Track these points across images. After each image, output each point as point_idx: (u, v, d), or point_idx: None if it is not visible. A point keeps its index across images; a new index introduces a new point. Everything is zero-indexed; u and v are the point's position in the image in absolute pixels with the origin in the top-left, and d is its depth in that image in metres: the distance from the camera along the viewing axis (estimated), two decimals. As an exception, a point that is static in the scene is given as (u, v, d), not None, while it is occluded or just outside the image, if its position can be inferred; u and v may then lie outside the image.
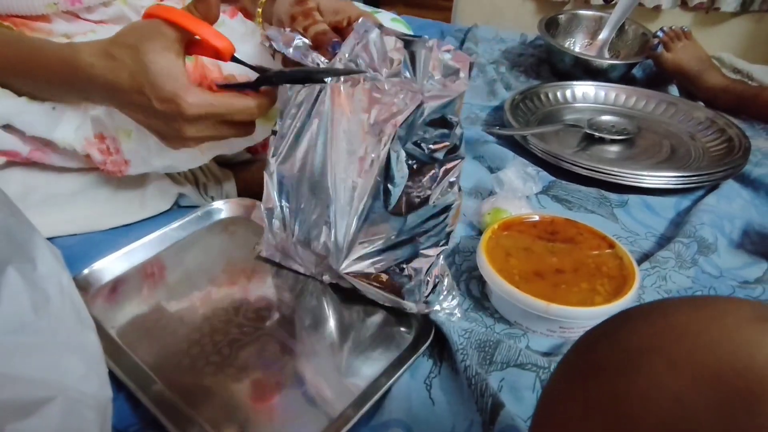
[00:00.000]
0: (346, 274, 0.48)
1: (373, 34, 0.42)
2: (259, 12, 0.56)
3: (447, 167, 0.43)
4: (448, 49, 0.40)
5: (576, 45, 1.12)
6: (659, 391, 0.18)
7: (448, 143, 0.42)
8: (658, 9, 1.88)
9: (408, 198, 0.43)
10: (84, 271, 0.50)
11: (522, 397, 0.42)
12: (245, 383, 0.42)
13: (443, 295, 0.48)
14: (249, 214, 0.60)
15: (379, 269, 0.47)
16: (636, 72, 1.07)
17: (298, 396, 0.41)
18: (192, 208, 0.60)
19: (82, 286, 0.50)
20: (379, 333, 0.47)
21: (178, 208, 0.62)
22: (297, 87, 0.45)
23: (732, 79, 0.92)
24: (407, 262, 0.46)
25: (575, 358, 0.23)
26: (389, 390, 0.42)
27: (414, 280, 0.46)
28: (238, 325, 0.47)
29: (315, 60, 0.44)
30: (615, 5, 1.05)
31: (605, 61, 1.00)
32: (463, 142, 0.42)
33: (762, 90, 0.88)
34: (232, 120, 0.44)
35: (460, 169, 0.43)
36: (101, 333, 0.46)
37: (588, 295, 0.47)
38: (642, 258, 0.58)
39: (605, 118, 0.87)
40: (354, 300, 0.50)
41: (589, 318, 0.46)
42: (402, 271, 0.46)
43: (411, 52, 0.41)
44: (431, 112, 0.40)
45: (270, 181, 0.49)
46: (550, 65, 1.07)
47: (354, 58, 0.43)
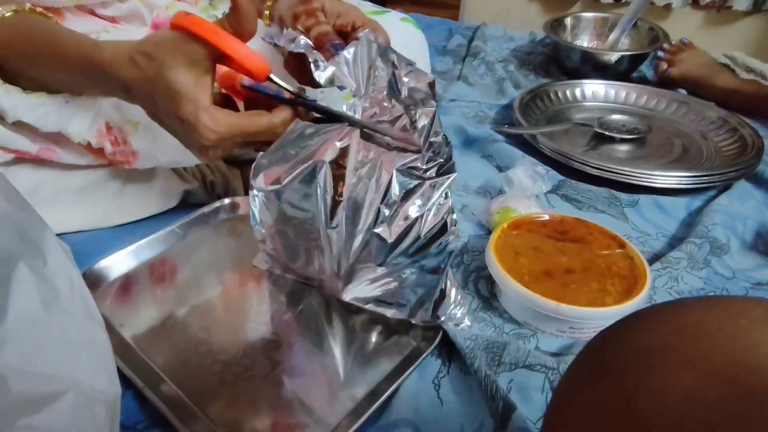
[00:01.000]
0: (349, 301, 0.47)
1: (374, 52, 0.41)
2: (267, 14, 0.56)
3: (439, 183, 0.41)
4: (408, 71, 0.40)
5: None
6: (672, 391, 0.18)
7: (441, 160, 0.41)
8: (668, 8, 1.86)
9: (404, 219, 0.41)
10: (91, 268, 0.51)
11: (531, 399, 0.42)
12: (253, 381, 0.42)
13: (451, 308, 0.46)
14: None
15: (383, 293, 0.46)
16: (646, 71, 1.05)
17: (305, 395, 0.41)
18: (199, 205, 0.60)
19: (89, 282, 0.49)
20: (386, 333, 0.47)
21: (185, 205, 0.62)
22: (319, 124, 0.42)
23: (744, 80, 0.91)
24: (412, 284, 0.44)
25: (587, 358, 0.23)
26: (397, 390, 0.41)
27: (419, 298, 0.45)
28: (245, 324, 0.47)
29: (316, 58, 0.43)
30: (624, 4, 1.04)
31: (613, 54, 0.98)
32: (453, 157, 0.42)
33: None
34: (252, 141, 0.43)
35: (453, 184, 0.42)
36: (109, 330, 0.45)
37: (598, 295, 0.46)
38: (653, 258, 0.57)
39: (615, 117, 0.86)
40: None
41: (600, 318, 0.45)
42: (406, 293, 0.45)
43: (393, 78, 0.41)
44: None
45: (253, 204, 0.47)
46: (558, 63, 1.06)
47: (354, 73, 0.42)
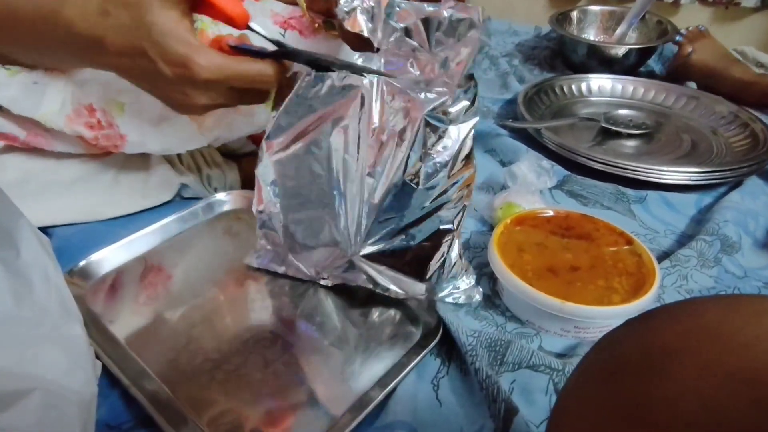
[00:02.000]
0: (363, 257, 0.45)
1: None
2: None
3: (463, 127, 0.40)
4: (451, 6, 0.38)
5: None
6: (688, 396, 0.16)
7: (467, 102, 0.39)
8: (677, 4, 1.83)
9: (425, 164, 0.40)
10: (82, 262, 0.49)
11: (534, 401, 0.40)
12: (243, 382, 0.40)
13: (461, 276, 0.46)
14: (252, 206, 0.58)
15: (398, 245, 0.44)
16: (654, 65, 1.03)
17: (299, 396, 0.39)
18: (194, 199, 0.59)
19: (79, 277, 0.49)
20: (384, 332, 0.45)
21: (180, 199, 0.60)
22: (326, 78, 0.40)
23: (758, 74, 0.89)
24: (426, 239, 0.43)
25: (595, 358, 0.22)
26: (394, 390, 0.40)
27: (436, 255, 0.44)
28: (237, 323, 0.45)
29: None
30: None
31: (620, 47, 0.95)
32: (477, 99, 0.40)
33: None
34: (246, 87, 0.40)
35: (474, 128, 0.40)
36: (97, 326, 0.44)
37: (605, 294, 0.44)
38: (662, 256, 0.55)
39: (622, 111, 0.84)
40: (356, 300, 0.48)
41: (607, 318, 0.43)
42: (421, 248, 0.44)
43: (425, 21, 0.39)
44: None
45: (262, 179, 0.46)
46: (563, 58, 1.04)
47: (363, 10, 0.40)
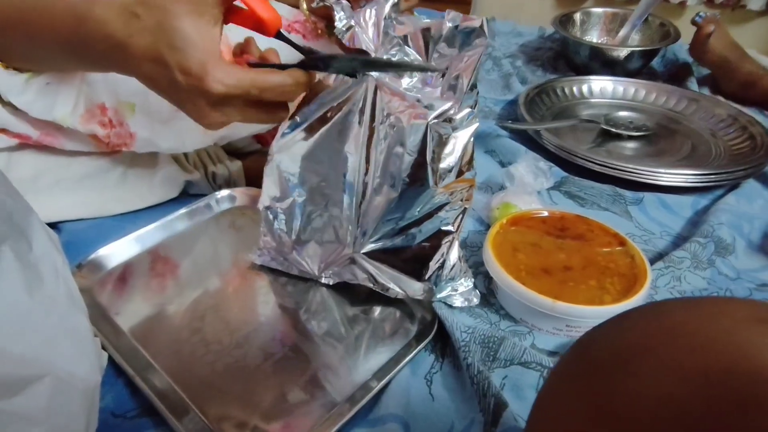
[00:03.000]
0: (364, 254, 0.46)
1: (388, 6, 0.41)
2: None
3: (465, 133, 0.41)
4: (451, 18, 0.40)
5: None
6: (649, 392, 0.17)
7: (469, 109, 0.40)
8: (683, 5, 1.83)
9: (429, 167, 0.41)
10: (90, 256, 0.51)
11: (524, 397, 0.41)
12: (244, 374, 0.41)
13: (459, 278, 0.47)
14: (257, 203, 0.60)
15: (398, 243, 0.45)
16: (656, 65, 1.03)
17: (295, 389, 0.41)
18: (200, 196, 0.60)
19: (88, 270, 0.50)
20: (381, 328, 0.46)
21: (186, 195, 0.62)
22: (346, 78, 0.40)
23: (764, 72, 0.89)
24: (426, 239, 0.45)
25: (571, 357, 0.23)
26: (388, 384, 0.41)
27: (435, 256, 0.45)
28: (239, 317, 0.47)
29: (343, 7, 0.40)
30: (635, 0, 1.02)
31: (623, 49, 0.96)
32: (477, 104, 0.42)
33: None
34: (262, 100, 0.38)
35: (474, 133, 0.41)
36: (104, 317, 0.46)
37: (597, 293, 0.46)
38: (656, 257, 0.56)
39: (623, 113, 0.85)
40: (355, 297, 0.49)
41: (596, 317, 0.44)
42: (421, 248, 0.45)
43: (425, 31, 0.41)
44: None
45: (271, 176, 0.47)
46: (566, 59, 1.04)
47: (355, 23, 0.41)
